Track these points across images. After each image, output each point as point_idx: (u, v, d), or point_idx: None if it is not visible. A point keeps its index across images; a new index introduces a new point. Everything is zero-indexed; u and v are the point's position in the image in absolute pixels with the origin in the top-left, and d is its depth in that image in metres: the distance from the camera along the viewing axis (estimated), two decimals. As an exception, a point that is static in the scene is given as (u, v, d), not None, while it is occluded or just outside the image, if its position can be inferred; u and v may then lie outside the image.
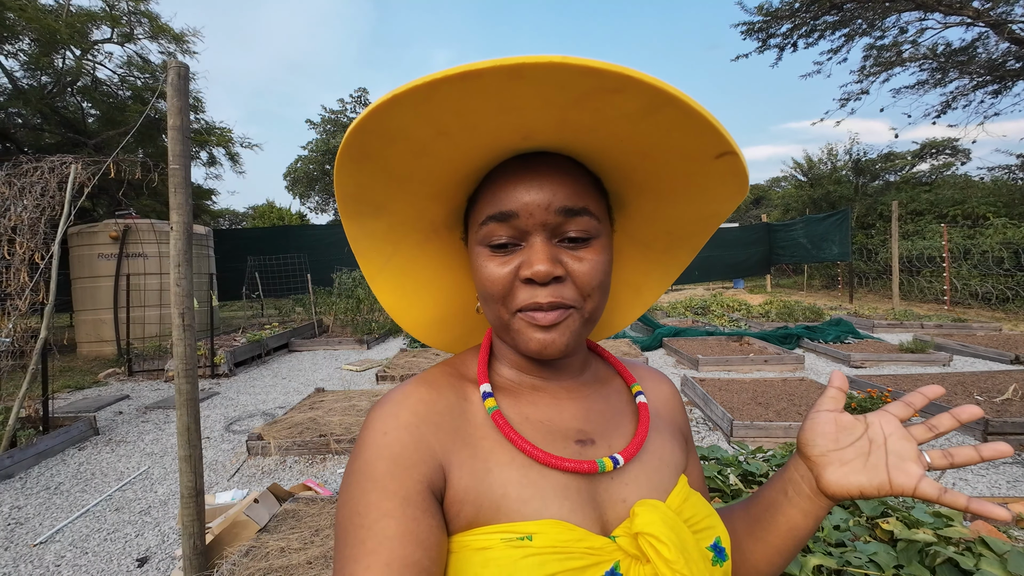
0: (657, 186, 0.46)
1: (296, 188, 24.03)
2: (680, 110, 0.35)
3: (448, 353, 1.17)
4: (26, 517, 2.57)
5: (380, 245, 0.50)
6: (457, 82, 0.33)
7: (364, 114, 0.36)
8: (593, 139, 0.41)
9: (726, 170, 0.41)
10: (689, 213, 0.49)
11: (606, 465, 0.44)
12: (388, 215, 0.47)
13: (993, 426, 3.06)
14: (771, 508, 0.51)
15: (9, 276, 3.38)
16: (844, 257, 10.91)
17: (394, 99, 0.34)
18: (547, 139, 0.41)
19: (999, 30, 9.68)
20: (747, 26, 11.75)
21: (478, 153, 0.42)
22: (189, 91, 1.89)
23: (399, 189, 0.44)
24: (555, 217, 0.42)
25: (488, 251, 0.45)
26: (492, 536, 0.39)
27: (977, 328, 6.94)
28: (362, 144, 0.38)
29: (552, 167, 0.43)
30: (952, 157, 16.27)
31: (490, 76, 0.32)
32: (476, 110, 0.36)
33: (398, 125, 0.37)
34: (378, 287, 0.53)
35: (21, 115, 9.42)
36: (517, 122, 0.38)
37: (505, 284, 0.44)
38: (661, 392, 0.58)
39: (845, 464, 0.47)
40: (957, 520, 1.71)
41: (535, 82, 0.33)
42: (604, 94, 0.34)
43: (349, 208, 0.45)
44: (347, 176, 0.42)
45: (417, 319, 0.58)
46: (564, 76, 0.33)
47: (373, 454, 0.41)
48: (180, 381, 1.83)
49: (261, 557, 1.83)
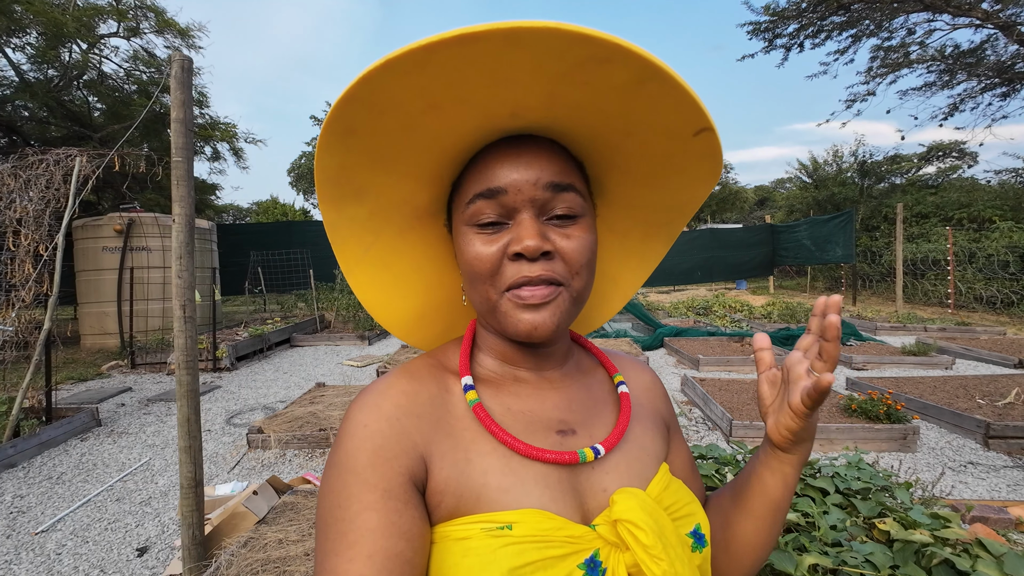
0: (638, 167, 0.47)
1: (300, 184, 24.09)
2: (665, 83, 0.36)
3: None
4: (28, 506, 2.59)
5: (360, 233, 0.48)
6: (454, 46, 0.32)
7: (354, 82, 0.35)
8: (580, 116, 0.41)
9: (703, 148, 0.43)
10: (666, 199, 0.50)
11: (587, 455, 0.45)
12: (371, 199, 0.46)
13: (995, 429, 3.04)
14: (748, 476, 0.53)
15: (14, 267, 3.41)
16: (848, 259, 10.85)
17: (386, 65, 0.33)
18: (535, 116, 0.41)
19: (1008, 32, 9.60)
20: (753, 26, 11.68)
21: (466, 129, 0.41)
22: (193, 84, 1.89)
23: (383, 170, 0.43)
24: (543, 193, 0.43)
25: (475, 230, 0.44)
26: (472, 526, 0.39)
27: (981, 332, 6.90)
28: (349, 117, 0.37)
29: (539, 146, 0.44)
30: (959, 160, 16.14)
31: (487, 40, 0.32)
32: (468, 80, 0.36)
33: (389, 95, 0.36)
34: (356, 279, 0.52)
35: (27, 108, 9.46)
36: (507, 95, 0.38)
37: (493, 262, 0.44)
38: (642, 381, 0.59)
39: (776, 412, 0.48)
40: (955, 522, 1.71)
41: (530, 49, 0.33)
42: (594, 64, 0.35)
43: (329, 192, 0.44)
44: (330, 156, 0.40)
45: (396, 313, 0.57)
46: (559, 43, 0.33)
47: (354, 446, 0.40)
48: (181, 373, 1.84)
49: (259, 548, 1.84)
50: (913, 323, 7.45)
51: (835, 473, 2.10)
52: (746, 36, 11.90)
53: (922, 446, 3.10)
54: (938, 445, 3.12)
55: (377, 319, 0.57)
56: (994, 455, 2.97)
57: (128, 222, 6.93)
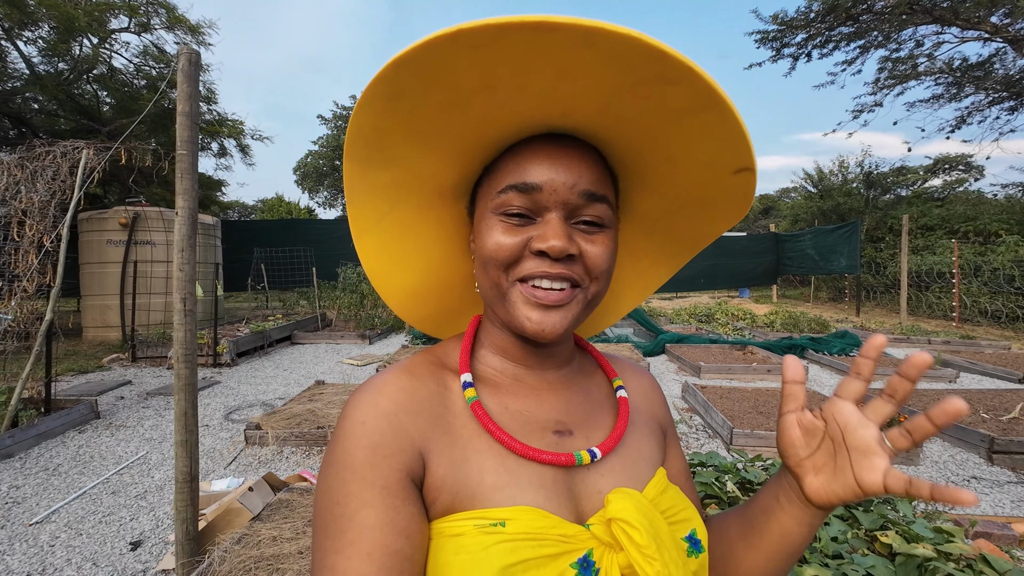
0: (670, 193, 0.47)
1: (306, 182, 24.20)
2: (722, 115, 0.36)
3: (420, 332, 1.15)
4: (23, 497, 2.58)
5: (377, 201, 0.47)
6: (528, 32, 0.31)
7: (413, 47, 0.33)
8: (628, 131, 0.41)
9: (738, 187, 0.43)
10: (688, 229, 0.51)
11: (583, 458, 0.44)
12: (397, 169, 0.45)
13: (999, 444, 3.01)
14: (764, 514, 0.49)
15: (18, 257, 3.42)
16: (852, 270, 10.81)
17: (455, 35, 0.32)
18: (584, 120, 0.41)
19: (1017, 46, 9.58)
20: (761, 35, 11.71)
21: (514, 118, 0.41)
22: (201, 80, 1.89)
23: (418, 142, 0.42)
24: (577, 199, 0.42)
25: (500, 218, 0.44)
26: (466, 522, 0.39)
27: (985, 346, 6.85)
28: (399, 82, 0.36)
29: (580, 151, 0.43)
30: (965, 173, 16.09)
31: (563, 33, 0.31)
32: (532, 69, 0.35)
33: (448, 67, 0.34)
34: (364, 246, 0.51)
35: (37, 100, 9.55)
36: (566, 93, 0.37)
37: (513, 252, 0.43)
38: (641, 387, 0.58)
39: (820, 472, 0.43)
40: (959, 537, 1.68)
41: (603, 52, 0.32)
42: (660, 83, 0.34)
43: (358, 151, 0.43)
44: (368, 116, 0.39)
45: (396, 286, 0.56)
46: (633, 53, 0.32)
47: (352, 443, 0.40)
48: (179, 366, 1.84)
49: (253, 545, 1.82)
50: (917, 336, 7.41)
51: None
52: (754, 45, 11.93)
53: (925, 459, 3.07)
54: (941, 459, 3.09)
55: (376, 288, 0.56)
56: (998, 470, 2.93)
57: (133, 215, 6.96)
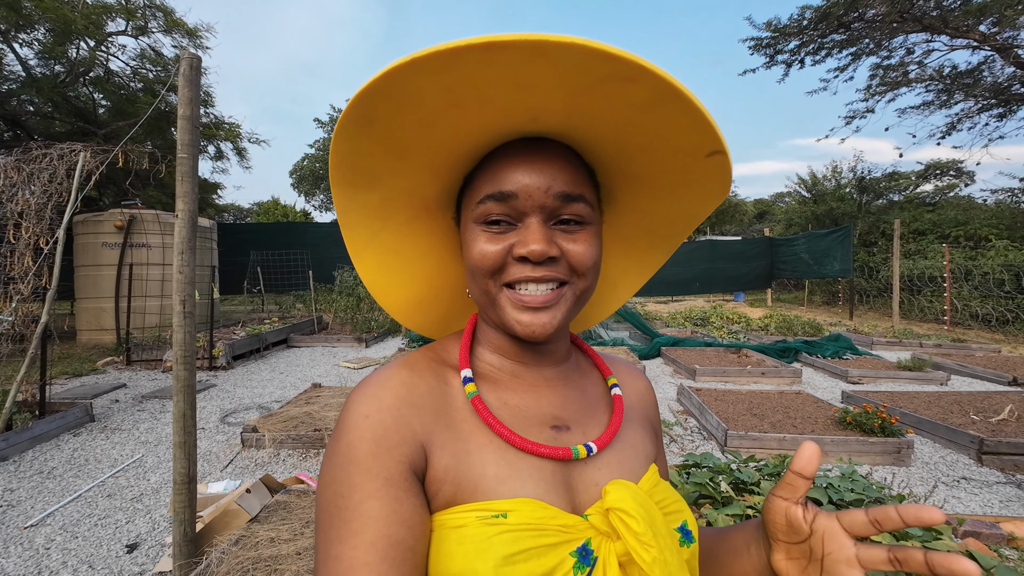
0: (650, 180, 0.48)
1: (302, 186, 24.14)
2: (684, 105, 0.37)
3: (417, 335, 1.16)
4: (18, 500, 2.57)
5: (369, 220, 0.49)
6: (480, 52, 0.33)
7: (378, 76, 0.35)
8: (598, 127, 0.42)
9: (715, 168, 0.43)
10: (675, 210, 0.51)
11: (580, 452, 0.46)
12: (382, 188, 0.47)
13: (988, 445, 3.05)
14: (731, 555, 0.51)
15: (13, 260, 3.41)
16: (845, 274, 10.90)
17: (413, 63, 0.34)
18: (554, 123, 0.42)
19: (1005, 54, 9.74)
20: (755, 41, 11.85)
21: (485, 130, 0.42)
22: (200, 83, 1.91)
23: (397, 161, 0.44)
24: (553, 201, 0.44)
25: (482, 227, 0.46)
26: (468, 514, 0.40)
27: (976, 349, 6.93)
28: (371, 107, 0.38)
29: (553, 153, 0.44)
30: (956, 178, 16.30)
31: (513, 50, 0.33)
32: (492, 83, 0.36)
33: (413, 90, 0.36)
34: (362, 263, 0.53)
35: (33, 103, 9.50)
36: (530, 101, 0.38)
37: (496, 260, 0.45)
38: (636, 386, 0.60)
39: (791, 559, 0.44)
40: (946, 535, 1.71)
41: (554, 61, 0.34)
42: (617, 82, 0.36)
43: (342, 176, 0.45)
44: (346, 142, 0.41)
45: (398, 299, 0.58)
46: (584, 59, 0.34)
47: (355, 436, 0.41)
48: (178, 368, 1.84)
49: (250, 546, 1.83)
50: (909, 339, 7.48)
51: (828, 484, 2.11)
52: (748, 51, 12.07)
53: (916, 460, 3.11)
54: (932, 460, 3.13)
55: (379, 302, 0.58)
56: (987, 471, 2.97)
57: (129, 218, 6.94)
